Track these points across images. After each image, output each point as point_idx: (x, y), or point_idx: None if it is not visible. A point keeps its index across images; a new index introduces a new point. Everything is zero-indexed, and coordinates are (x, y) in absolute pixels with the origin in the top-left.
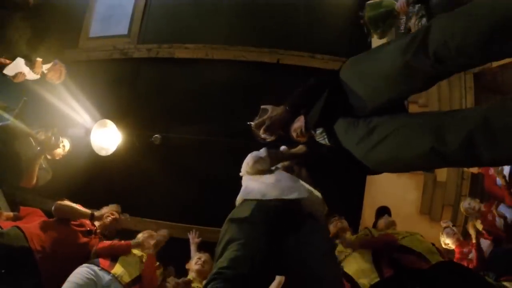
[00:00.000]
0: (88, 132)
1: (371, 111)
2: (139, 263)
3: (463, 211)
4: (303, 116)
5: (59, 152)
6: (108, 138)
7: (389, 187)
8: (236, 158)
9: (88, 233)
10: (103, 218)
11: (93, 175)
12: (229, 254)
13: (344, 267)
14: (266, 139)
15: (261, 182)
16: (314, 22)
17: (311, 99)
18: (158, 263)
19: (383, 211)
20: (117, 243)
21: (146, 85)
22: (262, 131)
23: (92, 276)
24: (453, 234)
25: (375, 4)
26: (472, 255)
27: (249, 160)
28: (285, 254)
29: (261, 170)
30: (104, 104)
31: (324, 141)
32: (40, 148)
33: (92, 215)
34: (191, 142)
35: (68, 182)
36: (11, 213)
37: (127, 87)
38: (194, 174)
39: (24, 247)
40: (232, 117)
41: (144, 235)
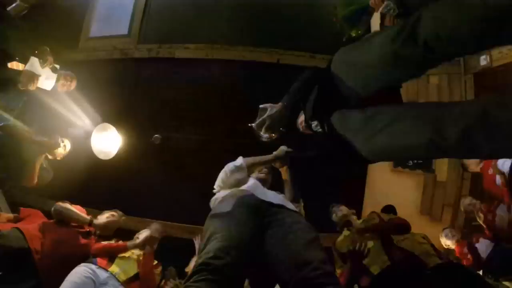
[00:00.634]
0: (88, 132)
1: (365, 101)
2: (137, 262)
3: (463, 209)
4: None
5: (60, 152)
6: (108, 142)
7: (389, 187)
8: (236, 158)
9: (88, 234)
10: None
11: (93, 174)
12: (213, 245)
13: None
14: (269, 138)
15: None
16: (314, 22)
17: (307, 92)
18: (156, 261)
19: (389, 210)
20: (112, 244)
21: (147, 85)
22: (263, 130)
23: (90, 275)
24: (452, 236)
25: (346, 2)
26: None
27: (226, 170)
28: (269, 244)
29: (238, 180)
30: (105, 104)
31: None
32: (41, 148)
33: (90, 222)
34: (191, 142)
35: (68, 182)
36: (11, 214)
37: (128, 87)
38: (194, 174)
39: (24, 248)
40: (232, 117)
41: (142, 236)
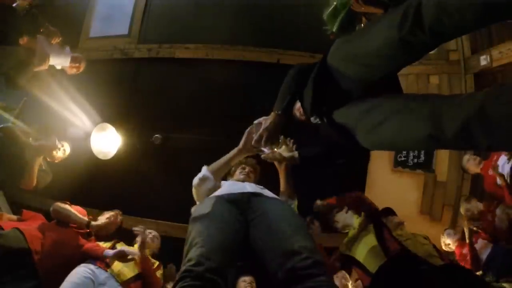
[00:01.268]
0: (88, 132)
1: (364, 91)
2: (135, 262)
3: (463, 211)
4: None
5: (59, 156)
6: (108, 142)
7: (389, 187)
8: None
9: (88, 234)
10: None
11: (93, 175)
12: (194, 252)
13: (354, 254)
14: (272, 149)
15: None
16: (314, 22)
17: (296, 92)
18: (158, 262)
19: (387, 213)
20: (91, 248)
21: (147, 85)
22: (263, 144)
23: (89, 275)
24: (453, 234)
25: (329, 14)
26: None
27: (193, 185)
28: (255, 235)
29: (209, 189)
30: (105, 104)
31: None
32: (40, 151)
33: (88, 224)
34: (191, 142)
35: (68, 182)
36: (14, 216)
37: (128, 87)
38: (194, 174)
39: (24, 249)
40: (232, 117)
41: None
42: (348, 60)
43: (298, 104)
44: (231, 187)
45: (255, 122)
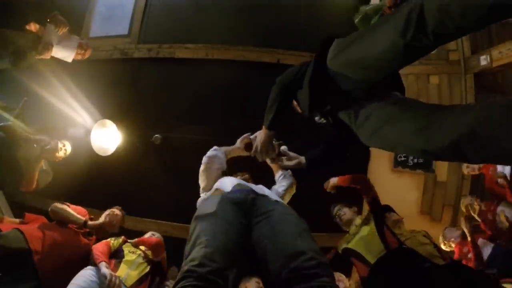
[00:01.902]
0: (88, 132)
1: (366, 91)
2: (143, 261)
3: (464, 207)
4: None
5: (60, 156)
6: (108, 138)
7: (389, 187)
8: (236, 158)
9: (89, 234)
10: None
11: (93, 174)
12: (198, 252)
13: (353, 246)
14: (273, 159)
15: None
16: (314, 22)
17: (281, 105)
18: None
19: (385, 210)
20: (96, 250)
21: (147, 85)
22: (263, 156)
23: (95, 278)
24: (455, 230)
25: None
26: (471, 254)
27: (204, 161)
28: (258, 236)
29: (219, 168)
30: (105, 104)
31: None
32: (41, 151)
33: (85, 223)
34: (192, 142)
35: (68, 182)
36: (16, 219)
37: (128, 87)
38: (194, 174)
39: (24, 249)
40: (232, 117)
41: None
42: (349, 65)
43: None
44: (236, 181)
45: (251, 137)
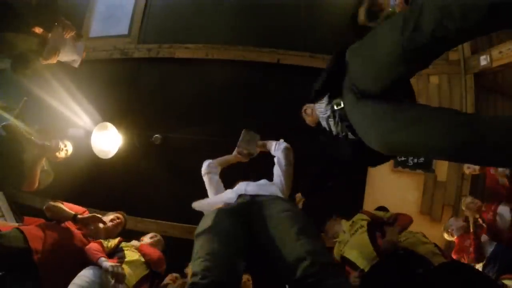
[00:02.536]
0: (88, 133)
1: (378, 93)
2: (144, 263)
3: (464, 206)
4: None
5: (61, 156)
6: (108, 141)
7: (389, 187)
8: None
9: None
10: (88, 221)
11: (93, 174)
12: (199, 266)
13: (345, 253)
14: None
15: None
16: (314, 22)
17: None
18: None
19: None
20: (90, 249)
21: (147, 85)
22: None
23: (96, 278)
24: (461, 220)
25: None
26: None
27: (202, 174)
28: (262, 241)
29: (218, 180)
30: (105, 104)
31: (330, 118)
32: (42, 151)
33: (75, 216)
34: (192, 142)
35: (68, 181)
36: (16, 224)
37: (128, 87)
38: (194, 174)
39: (24, 248)
40: (232, 117)
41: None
42: (360, 62)
43: (309, 107)
44: (232, 193)
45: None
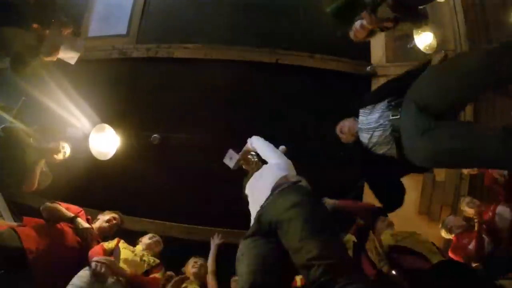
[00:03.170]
0: (86, 133)
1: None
2: (142, 261)
3: (466, 205)
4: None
5: (59, 157)
6: (106, 143)
7: None
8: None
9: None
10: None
11: (92, 175)
12: (242, 268)
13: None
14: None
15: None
16: (314, 22)
17: None
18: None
19: (377, 213)
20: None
21: (145, 85)
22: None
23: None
24: (460, 219)
25: None
26: (472, 245)
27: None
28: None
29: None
30: (103, 104)
31: (378, 129)
32: (41, 154)
33: (72, 218)
34: (190, 142)
35: (67, 182)
36: (14, 223)
37: (126, 87)
38: (193, 174)
39: (18, 248)
40: (231, 117)
41: None
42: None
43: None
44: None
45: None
